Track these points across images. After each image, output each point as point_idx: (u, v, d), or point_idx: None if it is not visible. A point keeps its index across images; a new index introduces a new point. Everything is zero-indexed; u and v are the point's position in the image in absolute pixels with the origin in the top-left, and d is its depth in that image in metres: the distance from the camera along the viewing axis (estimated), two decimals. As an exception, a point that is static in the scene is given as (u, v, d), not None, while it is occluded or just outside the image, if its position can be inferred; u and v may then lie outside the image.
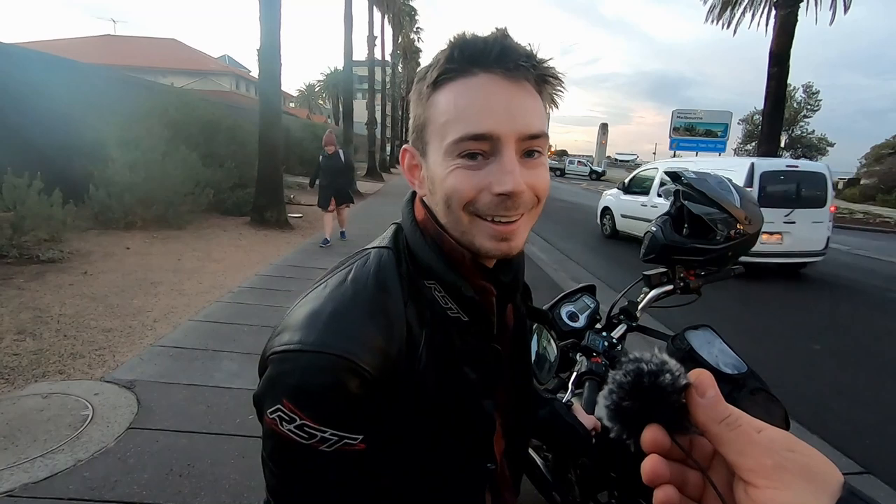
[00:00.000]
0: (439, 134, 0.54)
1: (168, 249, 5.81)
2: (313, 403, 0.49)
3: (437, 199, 0.56)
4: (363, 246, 0.62)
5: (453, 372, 0.57)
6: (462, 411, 0.58)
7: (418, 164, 0.59)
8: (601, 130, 44.09)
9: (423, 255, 0.58)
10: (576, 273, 6.46)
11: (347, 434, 0.50)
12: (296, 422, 0.49)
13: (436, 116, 0.54)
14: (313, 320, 0.52)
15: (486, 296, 0.60)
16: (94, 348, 3.11)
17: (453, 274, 0.57)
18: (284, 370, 0.50)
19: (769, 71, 13.33)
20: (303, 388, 0.49)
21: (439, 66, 0.53)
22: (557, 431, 0.98)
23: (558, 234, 9.62)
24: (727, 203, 1.26)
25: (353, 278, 0.56)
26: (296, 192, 11.88)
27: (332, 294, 0.54)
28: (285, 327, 0.54)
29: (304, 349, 0.50)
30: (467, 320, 0.58)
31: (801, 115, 33.48)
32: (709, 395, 0.30)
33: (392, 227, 0.64)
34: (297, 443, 0.49)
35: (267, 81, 8.15)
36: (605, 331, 1.39)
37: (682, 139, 25.86)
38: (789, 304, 5.72)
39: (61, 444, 2.13)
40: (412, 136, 0.60)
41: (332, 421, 0.49)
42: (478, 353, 0.59)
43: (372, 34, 19.31)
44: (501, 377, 0.64)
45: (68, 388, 2.60)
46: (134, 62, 25.06)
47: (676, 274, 1.41)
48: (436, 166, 0.55)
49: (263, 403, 0.52)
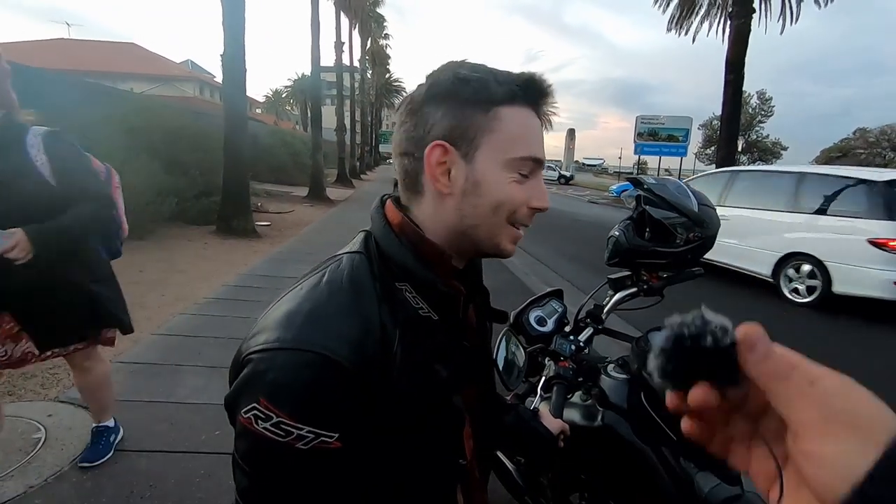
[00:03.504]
0: (503, 146, 0.59)
1: (129, 260, 5.58)
2: (291, 400, 0.50)
3: (480, 202, 0.60)
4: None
5: (425, 369, 0.59)
6: (433, 407, 0.61)
7: (450, 162, 0.59)
8: (569, 136, 44.93)
9: (398, 256, 0.60)
10: (546, 277, 6.55)
11: (324, 432, 0.50)
12: (272, 419, 0.49)
13: (501, 129, 0.59)
14: (291, 319, 0.53)
15: (456, 295, 0.63)
16: (48, 366, 2.94)
17: (429, 273, 0.60)
18: (261, 368, 0.51)
19: (726, 78, 13.91)
20: (280, 385, 0.50)
21: (511, 87, 0.60)
22: (523, 437, 0.98)
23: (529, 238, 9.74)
24: (685, 207, 1.30)
25: (328, 280, 0.58)
26: (263, 200, 11.65)
27: (307, 295, 0.56)
28: (262, 328, 0.55)
29: (282, 347, 0.51)
30: (437, 319, 0.61)
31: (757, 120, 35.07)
32: (757, 350, 0.29)
33: (361, 233, 0.66)
34: (272, 441, 0.50)
35: (232, 87, 7.98)
36: (573, 335, 1.41)
37: (647, 144, 26.63)
38: (743, 298, 5.93)
39: (10, 469, 2.00)
40: (445, 133, 0.59)
41: (309, 418, 0.50)
42: (448, 350, 0.62)
43: (339, 40, 19.21)
44: (470, 373, 0.68)
45: (18, 409, 2.45)
46: (91, 67, 24.14)
47: (640, 277, 1.44)
48: (489, 173, 0.60)
49: (238, 404, 0.52)
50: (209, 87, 33.34)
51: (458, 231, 0.62)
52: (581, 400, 1.32)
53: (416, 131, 0.61)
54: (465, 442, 0.69)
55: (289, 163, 17.21)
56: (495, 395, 0.96)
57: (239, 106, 8.12)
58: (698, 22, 16.52)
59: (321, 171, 14.50)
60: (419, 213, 0.63)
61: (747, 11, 13.48)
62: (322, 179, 14.54)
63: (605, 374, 1.28)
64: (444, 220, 0.62)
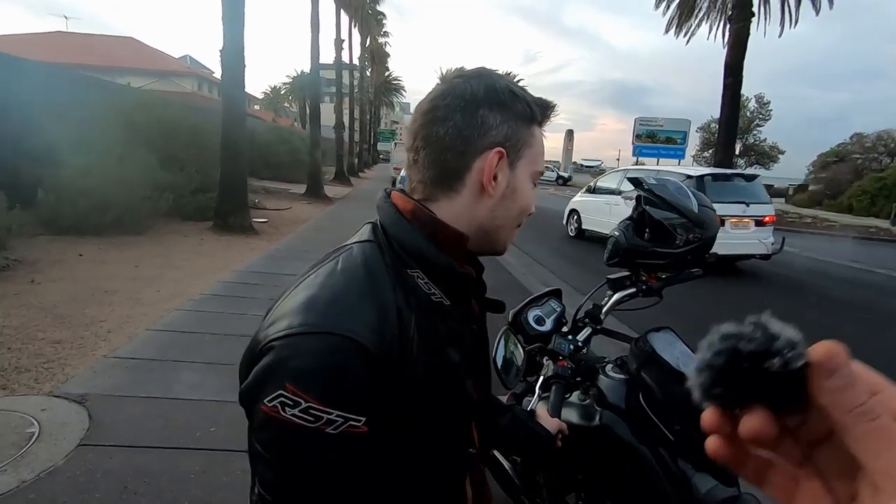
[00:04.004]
0: (534, 160, 0.67)
1: (125, 256, 5.57)
2: (319, 385, 0.50)
3: (513, 206, 0.66)
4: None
5: (439, 354, 0.60)
6: (447, 392, 0.62)
7: (498, 168, 0.63)
8: (567, 137, 44.94)
9: (411, 241, 0.61)
10: (544, 277, 6.55)
11: (352, 416, 0.51)
12: (300, 405, 0.49)
13: (533, 144, 0.66)
14: (312, 305, 0.54)
15: (469, 279, 0.65)
16: (42, 361, 2.94)
17: (445, 256, 0.61)
18: (286, 354, 0.51)
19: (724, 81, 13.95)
20: (308, 370, 0.50)
21: (545, 111, 0.68)
22: (519, 438, 0.98)
23: (527, 238, 9.75)
24: (685, 208, 1.30)
25: (343, 268, 0.58)
26: (261, 197, 11.61)
27: (325, 282, 0.57)
28: (280, 316, 0.55)
29: (307, 331, 0.51)
30: (449, 304, 0.62)
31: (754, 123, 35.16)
32: (839, 376, 0.24)
33: (367, 224, 0.67)
34: (301, 427, 0.49)
35: (230, 82, 7.95)
36: (571, 334, 1.40)
37: (644, 146, 26.64)
38: (740, 301, 5.96)
39: (4, 464, 1.99)
40: (501, 141, 0.63)
41: (338, 402, 0.50)
42: (459, 335, 0.64)
43: (339, 38, 19.16)
44: (479, 358, 0.71)
45: (12, 404, 2.44)
46: (89, 61, 23.98)
47: (639, 277, 1.44)
48: (522, 181, 0.66)
49: (261, 392, 0.51)
50: (207, 83, 33.17)
51: (483, 229, 0.65)
52: (579, 400, 1.32)
53: (467, 130, 0.62)
54: (473, 431, 0.71)
55: (287, 160, 17.16)
56: (490, 394, 0.96)
57: (237, 102, 8.08)
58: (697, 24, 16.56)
59: (319, 169, 14.46)
60: (443, 206, 0.64)
61: (747, 15, 13.51)
62: (320, 177, 14.50)
63: (603, 374, 1.28)
64: (476, 218, 0.64)
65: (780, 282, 7.30)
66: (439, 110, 0.63)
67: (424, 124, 0.64)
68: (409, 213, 0.63)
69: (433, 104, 0.63)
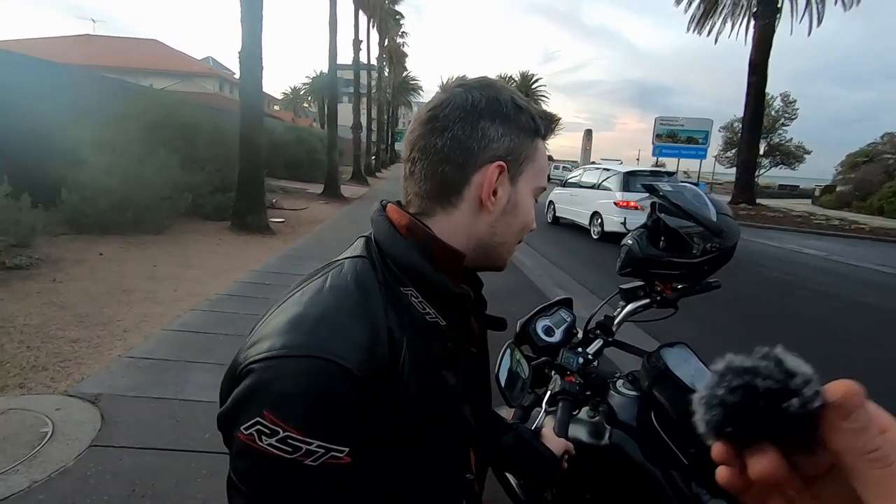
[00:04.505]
0: (535, 175, 0.64)
1: (143, 255, 5.66)
2: (299, 413, 0.46)
3: (514, 222, 0.63)
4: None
5: (434, 377, 0.57)
6: (443, 418, 0.58)
7: (498, 183, 0.60)
8: (585, 136, 44.51)
9: (405, 257, 0.58)
10: (559, 279, 6.46)
11: (335, 446, 0.47)
12: (278, 434, 0.45)
13: (536, 159, 0.64)
14: (298, 325, 0.50)
15: (466, 299, 0.62)
16: (59, 360, 2.99)
17: (440, 274, 0.58)
18: (266, 378, 0.48)
19: (748, 80, 13.62)
20: (288, 396, 0.46)
21: (548, 124, 0.65)
22: (522, 458, 0.94)
23: (542, 240, 9.64)
24: (703, 216, 1.24)
25: (332, 285, 0.55)
26: (278, 197, 11.73)
27: (312, 300, 0.53)
28: (263, 336, 0.51)
29: (289, 354, 0.48)
30: (445, 324, 0.59)
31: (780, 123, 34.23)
32: (854, 418, 0.24)
33: (361, 238, 0.63)
34: (278, 458, 0.46)
35: (248, 83, 8.04)
36: (582, 346, 1.35)
37: (665, 146, 26.18)
38: (765, 307, 5.78)
39: (16, 464, 2.02)
40: (503, 154, 0.60)
41: (319, 431, 0.47)
42: (456, 357, 0.60)
43: (357, 38, 19.24)
44: (477, 382, 0.67)
45: (28, 403, 2.48)
46: (114, 63, 24.58)
47: (653, 287, 1.38)
48: (524, 197, 0.64)
49: (237, 419, 0.48)
50: (229, 84, 33.69)
51: (483, 245, 0.63)
52: (588, 416, 1.26)
53: (468, 141, 0.59)
54: (471, 455, 0.67)
55: (305, 160, 17.30)
56: (492, 411, 0.92)
57: (255, 102, 8.16)
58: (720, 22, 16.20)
59: (336, 169, 14.56)
60: (440, 221, 0.61)
61: (772, 12, 13.17)
62: (337, 177, 14.60)
63: (613, 389, 1.22)
64: (475, 234, 0.62)
65: (806, 286, 7.08)
66: (438, 120, 0.59)
67: (422, 135, 0.61)
68: (405, 228, 0.60)
69: (432, 114, 0.60)
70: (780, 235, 13.14)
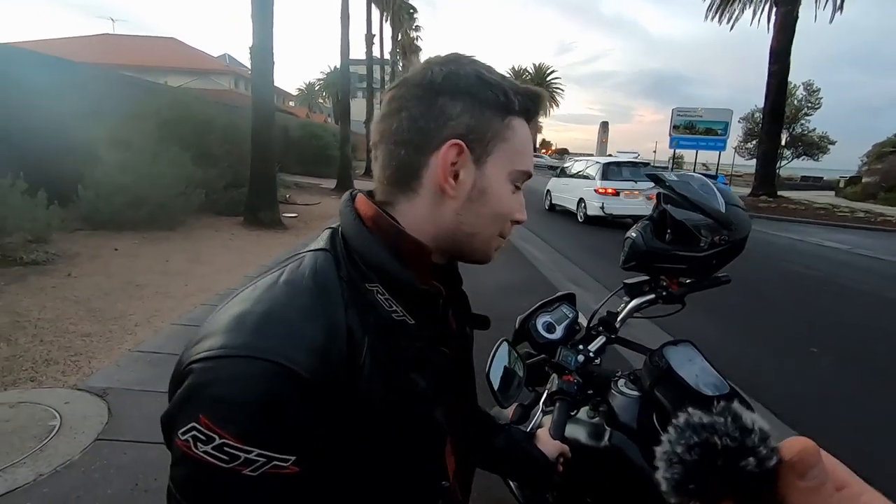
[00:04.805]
0: (511, 158, 0.58)
1: (157, 251, 5.73)
2: (236, 418, 0.42)
3: (483, 211, 0.57)
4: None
5: (400, 380, 0.53)
6: (411, 422, 0.54)
7: (460, 164, 0.55)
8: (601, 129, 43.95)
9: (370, 252, 0.54)
10: (571, 273, 6.37)
11: (277, 455, 0.43)
12: (214, 441, 0.42)
13: (512, 139, 0.57)
14: (240, 323, 0.46)
15: (436, 296, 0.57)
16: (70, 354, 3.03)
17: (405, 271, 0.54)
18: (203, 381, 0.44)
19: (770, 69, 13.26)
20: (224, 400, 0.43)
21: (526, 101, 0.58)
22: (515, 461, 0.89)
23: (555, 233, 9.53)
24: (710, 208, 1.18)
25: (287, 280, 0.51)
26: (292, 192, 11.80)
27: (262, 296, 0.49)
28: (207, 333, 0.48)
29: (228, 354, 0.44)
30: (413, 323, 0.54)
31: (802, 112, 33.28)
32: (811, 477, 0.24)
33: (327, 230, 0.59)
34: (214, 467, 0.42)
35: (259, 79, 8.08)
36: (584, 343, 1.30)
37: (683, 137, 25.65)
38: (785, 303, 5.62)
39: (24, 456, 2.04)
40: (462, 133, 0.55)
41: (259, 439, 0.43)
42: (425, 358, 0.56)
43: (370, 32, 19.20)
44: (451, 384, 0.61)
45: (38, 396, 2.51)
46: (132, 61, 24.94)
47: (659, 282, 1.32)
48: (496, 182, 0.57)
49: (175, 423, 0.44)
50: (244, 80, 33.93)
51: (451, 236, 0.58)
52: (588, 416, 1.21)
53: (423, 121, 0.54)
54: (447, 460, 0.63)
55: (318, 155, 17.40)
56: (479, 410, 0.88)
57: (266, 97, 8.19)
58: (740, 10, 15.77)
59: (349, 164, 14.61)
60: (403, 210, 0.57)
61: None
62: (350, 172, 14.66)
63: (614, 389, 1.17)
64: (439, 222, 0.57)
65: (828, 280, 6.87)
66: (394, 101, 0.55)
67: (381, 117, 0.57)
68: (371, 220, 0.56)
69: (390, 94, 0.56)
70: (801, 228, 12.80)
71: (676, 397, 1.01)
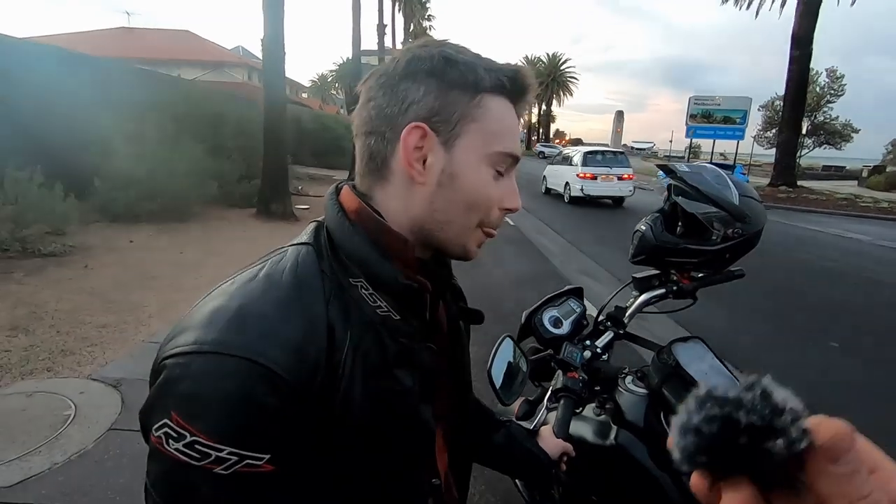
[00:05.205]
0: (485, 139, 0.54)
1: (171, 242, 5.80)
2: (207, 416, 0.42)
3: (454, 198, 0.54)
4: None
5: (384, 377, 0.52)
6: (396, 421, 0.53)
7: (427, 148, 0.53)
8: (616, 118, 43.33)
9: (353, 246, 0.53)
10: (585, 266, 6.30)
11: (250, 453, 0.43)
12: (185, 439, 0.41)
13: (484, 118, 0.54)
14: (214, 318, 0.46)
15: (420, 291, 0.55)
16: (86, 345, 3.08)
17: (388, 265, 0.53)
18: (175, 376, 0.44)
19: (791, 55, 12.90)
20: (195, 397, 0.42)
21: (500, 77, 0.54)
22: (514, 459, 0.87)
23: (569, 224, 9.43)
24: (724, 199, 1.13)
25: (266, 274, 0.50)
26: (305, 184, 11.85)
27: (239, 290, 0.48)
28: (182, 328, 0.47)
29: (199, 350, 0.44)
30: (399, 318, 0.53)
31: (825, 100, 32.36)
32: (844, 462, 0.22)
33: (312, 223, 0.59)
34: (185, 465, 0.42)
35: (271, 71, 8.09)
36: (590, 339, 1.27)
37: (700, 126, 25.15)
38: (805, 297, 5.50)
39: (39, 445, 2.09)
40: (425, 115, 0.52)
41: (229, 437, 0.42)
42: (411, 354, 0.55)
43: (382, 22, 19.12)
44: (439, 381, 0.60)
45: (54, 386, 2.56)
46: (147, 54, 25.16)
47: (669, 277, 1.28)
48: (469, 166, 0.54)
49: (150, 418, 0.44)
50: (257, 73, 34.06)
51: (424, 226, 0.56)
52: (594, 414, 1.19)
53: (388, 108, 0.53)
54: (438, 457, 0.62)
55: (330, 146, 17.44)
56: (479, 406, 0.86)
57: (279, 89, 8.20)
58: (762, -6, 15.33)
59: (361, 156, 14.59)
60: (382, 201, 0.56)
61: (819, -20, 12.36)
62: (362, 164, 14.63)
63: (621, 386, 1.14)
64: (412, 211, 0.55)
65: (848, 272, 6.70)
66: (364, 93, 0.56)
67: (357, 110, 0.57)
68: (354, 213, 0.55)
69: (362, 87, 0.56)
70: (822, 219, 12.50)
71: (684, 396, 0.98)
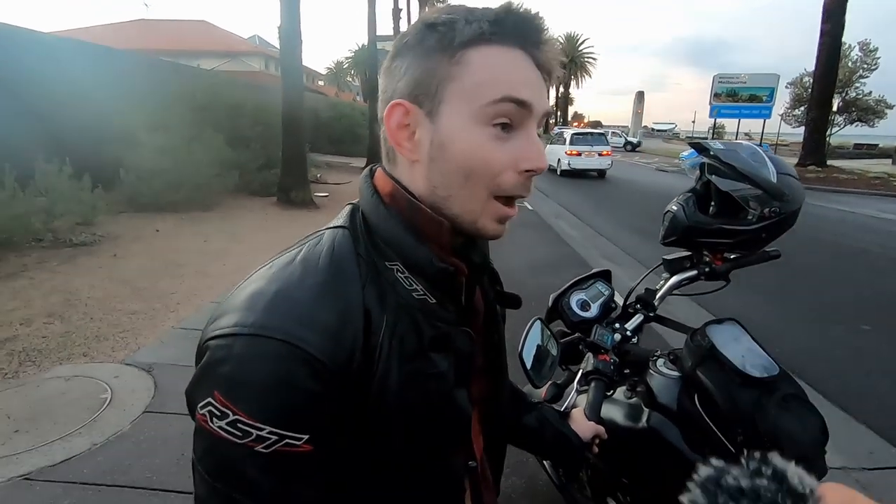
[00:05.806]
0: (469, 95, 0.48)
1: (195, 231, 5.91)
2: (248, 396, 0.43)
3: (447, 169, 0.50)
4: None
5: (421, 361, 0.52)
6: (432, 405, 0.53)
7: (413, 124, 0.51)
8: (637, 99, 42.36)
9: (388, 230, 0.52)
10: (607, 251, 6.22)
11: (290, 433, 0.44)
12: (228, 417, 0.43)
13: (465, 75, 0.48)
14: (254, 301, 0.46)
15: (455, 274, 0.54)
16: (119, 331, 3.18)
17: (422, 247, 0.52)
18: (217, 357, 0.45)
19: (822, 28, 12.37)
20: (237, 377, 0.43)
21: (480, 24, 0.48)
22: (546, 441, 0.87)
23: (590, 208, 9.29)
24: (761, 177, 1.09)
25: (304, 258, 0.51)
26: (323, 171, 11.92)
27: (277, 274, 0.49)
28: (224, 311, 0.48)
29: (240, 332, 0.44)
30: (435, 302, 0.53)
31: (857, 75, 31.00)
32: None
33: (348, 206, 0.58)
34: (228, 442, 0.43)
35: (288, 60, 8.09)
36: (620, 321, 1.26)
37: (724, 105, 24.43)
38: (834, 278, 5.34)
39: (79, 427, 2.17)
40: (408, 90, 0.50)
41: (270, 417, 0.43)
42: (447, 338, 0.54)
43: (397, 7, 18.87)
44: (475, 365, 0.59)
45: (90, 370, 2.65)
46: (166, 45, 25.41)
47: (701, 258, 1.25)
48: (456, 131, 0.49)
49: (195, 396, 0.45)
50: (274, 62, 34.16)
51: (433, 204, 0.53)
52: (625, 397, 1.18)
53: (386, 92, 0.54)
54: (474, 440, 0.62)
55: (347, 134, 17.47)
56: (512, 388, 0.85)
57: (296, 78, 8.21)
58: (791, -36, 14.68)
59: (378, 143, 14.59)
60: (405, 182, 0.55)
61: (853, -52, 11.79)
62: (379, 151, 14.63)
63: (653, 369, 1.12)
64: (417, 191, 0.53)
65: (875, 253, 6.48)
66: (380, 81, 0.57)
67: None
68: (389, 195, 0.55)
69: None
70: (853, 200, 12.09)
71: (721, 379, 0.96)
